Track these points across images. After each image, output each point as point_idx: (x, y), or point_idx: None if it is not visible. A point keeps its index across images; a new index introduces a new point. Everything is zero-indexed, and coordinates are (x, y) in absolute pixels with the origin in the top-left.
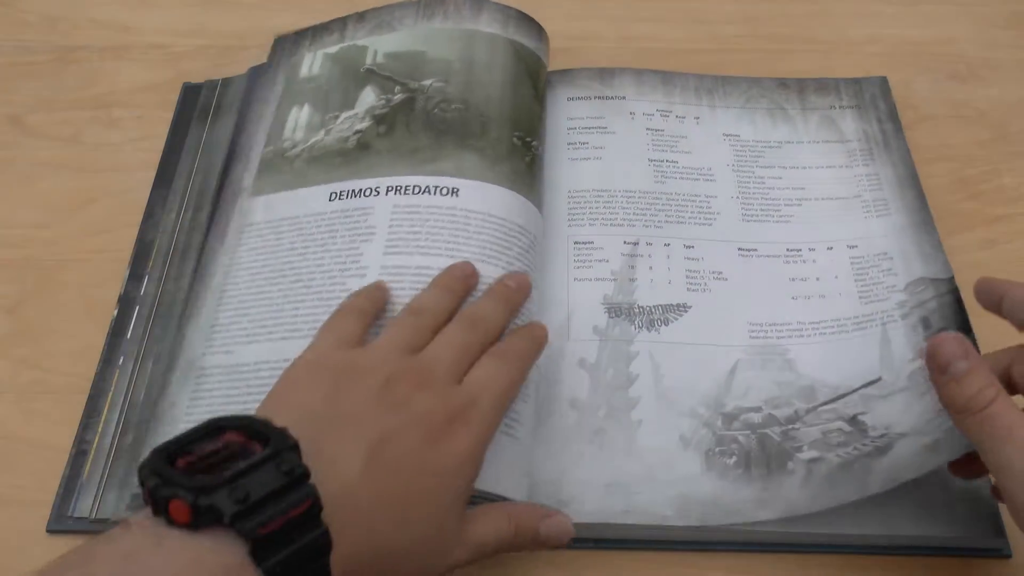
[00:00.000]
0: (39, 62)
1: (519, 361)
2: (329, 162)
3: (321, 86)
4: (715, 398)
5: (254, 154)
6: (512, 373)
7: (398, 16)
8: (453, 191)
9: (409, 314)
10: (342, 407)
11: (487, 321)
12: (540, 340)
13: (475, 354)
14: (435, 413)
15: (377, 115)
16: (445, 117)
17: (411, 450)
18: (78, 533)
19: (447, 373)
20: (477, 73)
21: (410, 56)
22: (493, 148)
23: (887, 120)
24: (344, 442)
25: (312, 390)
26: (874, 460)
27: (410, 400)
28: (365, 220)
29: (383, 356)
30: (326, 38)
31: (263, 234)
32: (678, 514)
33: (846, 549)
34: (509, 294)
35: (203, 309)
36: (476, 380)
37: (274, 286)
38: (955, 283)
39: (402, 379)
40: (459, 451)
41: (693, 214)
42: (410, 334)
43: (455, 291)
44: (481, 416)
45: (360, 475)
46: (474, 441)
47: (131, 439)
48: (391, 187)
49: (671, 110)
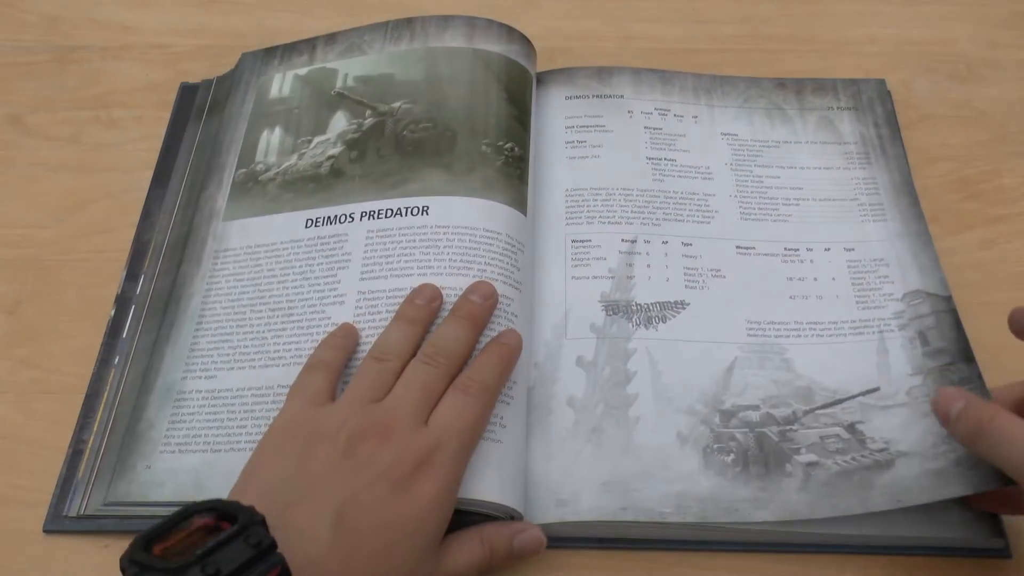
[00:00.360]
0: (39, 62)
1: (484, 393)
2: (303, 188)
3: (292, 108)
4: (713, 395)
5: (226, 175)
6: (477, 408)
7: (367, 39)
8: (423, 210)
9: (372, 360)
10: (308, 475)
11: (449, 350)
12: (510, 355)
13: (440, 389)
14: (400, 463)
15: (349, 140)
16: (414, 138)
17: (377, 508)
18: (74, 533)
19: (411, 418)
20: (443, 89)
21: (379, 79)
22: (460, 161)
23: (884, 124)
24: (311, 511)
25: (281, 460)
26: (875, 474)
27: (374, 457)
28: (341, 247)
29: (345, 413)
30: (295, 59)
31: (240, 259)
32: (676, 512)
33: (846, 549)
34: (473, 310)
35: (180, 333)
36: (441, 420)
37: (255, 313)
38: (953, 303)
39: (364, 435)
40: (426, 499)
41: (691, 212)
42: (372, 382)
43: (418, 320)
44: (447, 458)
45: (328, 543)
46: (441, 485)
47: (119, 439)
48: (364, 212)
49: (669, 109)
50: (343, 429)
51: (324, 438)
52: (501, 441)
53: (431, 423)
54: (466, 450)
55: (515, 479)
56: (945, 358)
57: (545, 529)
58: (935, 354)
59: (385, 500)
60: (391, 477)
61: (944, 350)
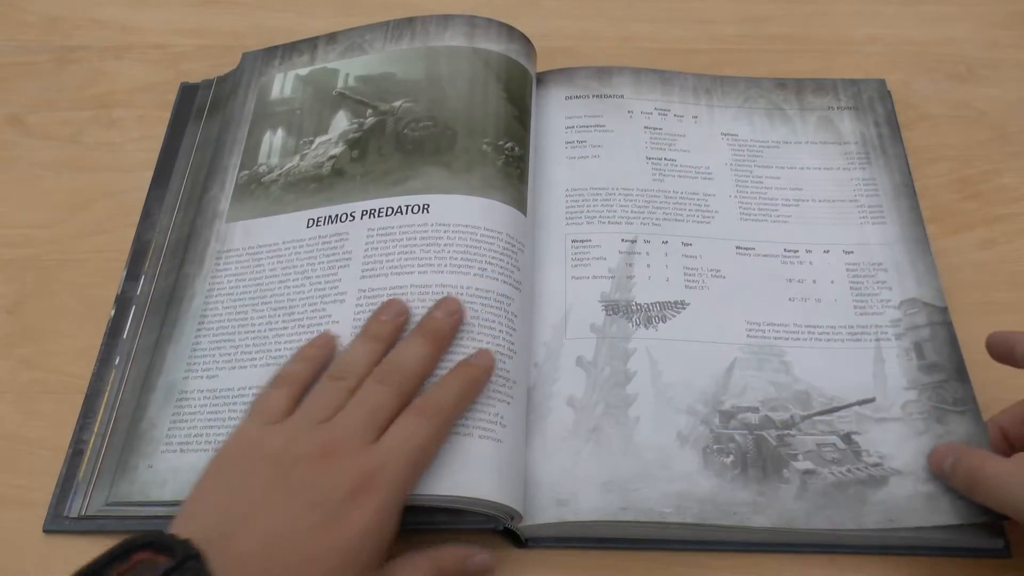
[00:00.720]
0: (39, 62)
1: (439, 415)
2: (305, 188)
3: (294, 109)
4: (713, 395)
5: (229, 177)
6: (428, 431)
7: (368, 39)
8: (424, 208)
9: (328, 378)
10: (248, 502)
11: (405, 368)
12: (477, 377)
13: (391, 408)
14: (337, 488)
15: (350, 140)
16: (414, 136)
17: (306, 540)
18: (73, 534)
19: (356, 438)
20: (443, 88)
21: (380, 79)
22: (461, 159)
23: (884, 124)
24: (245, 543)
25: (225, 484)
26: (869, 490)
27: (313, 480)
28: (342, 246)
29: (293, 433)
30: (296, 59)
31: (242, 260)
32: (676, 512)
33: (846, 549)
34: (436, 327)
35: (183, 332)
36: (389, 441)
37: (257, 312)
38: (949, 315)
39: (308, 457)
40: (357, 529)
41: (691, 212)
42: (325, 401)
43: (381, 337)
44: (389, 480)
45: (261, 574)
46: (375, 511)
47: (121, 439)
48: (365, 211)
49: (669, 109)
50: (288, 451)
51: (268, 460)
52: (501, 440)
53: (379, 444)
54: (411, 473)
55: (514, 479)
56: (940, 375)
57: (545, 529)
58: (930, 369)
59: (316, 530)
60: (326, 504)
61: (939, 366)
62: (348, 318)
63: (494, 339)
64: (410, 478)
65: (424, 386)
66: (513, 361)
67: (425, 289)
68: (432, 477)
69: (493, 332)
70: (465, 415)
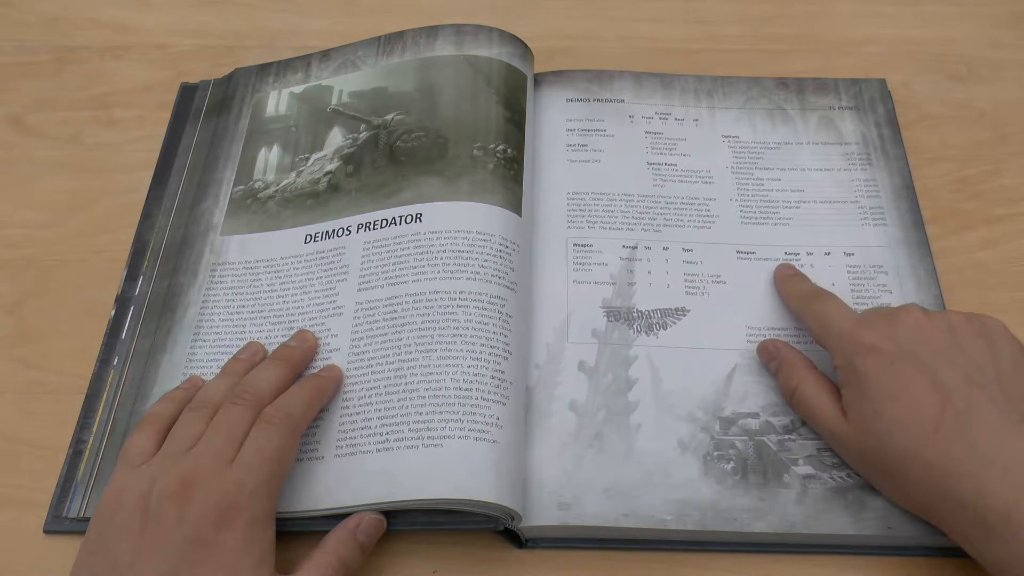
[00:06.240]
0: (39, 62)
1: (287, 422)
2: (302, 204)
3: (289, 127)
4: (713, 402)
5: (223, 191)
6: (279, 437)
7: (360, 55)
8: (416, 217)
9: (187, 411)
10: (130, 553)
11: (256, 388)
12: (323, 386)
13: (248, 423)
14: (205, 518)
15: (345, 155)
16: (406, 148)
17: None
18: (74, 534)
19: (215, 461)
20: (434, 98)
21: (373, 93)
22: (452, 167)
23: (885, 124)
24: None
25: (105, 543)
26: (868, 496)
27: (182, 516)
28: (339, 260)
29: (156, 472)
30: (291, 76)
31: (239, 274)
32: (677, 519)
33: (846, 550)
34: (287, 353)
35: (176, 342)
36: (245, 457)
37: (255, 326)
38: None
39: (172, 492)
40: (233, 548)
41: (692, 217)
42: (184, 432)
43: (237, 372)
44: (250, 495)
45: None
46: (244, 526)
47: (120, 439)
48: (361, 224)
49: (670, 112)
50: (153, 491)
51: (138, 505)
52: (497, 441)
53: (236, 462)
54: (271, 483)
55: (513, 479)
56: None
57: (546, 531)
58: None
59: (198, 567)
60: (199, 539)
61: None
62: (346, 331)
63: (488, 341)
64: (271, 488)
65: None
66: (509, 362)
67: (419, 297)
68: (429, 479)
69: (487, 334)
70: (461, 416)
